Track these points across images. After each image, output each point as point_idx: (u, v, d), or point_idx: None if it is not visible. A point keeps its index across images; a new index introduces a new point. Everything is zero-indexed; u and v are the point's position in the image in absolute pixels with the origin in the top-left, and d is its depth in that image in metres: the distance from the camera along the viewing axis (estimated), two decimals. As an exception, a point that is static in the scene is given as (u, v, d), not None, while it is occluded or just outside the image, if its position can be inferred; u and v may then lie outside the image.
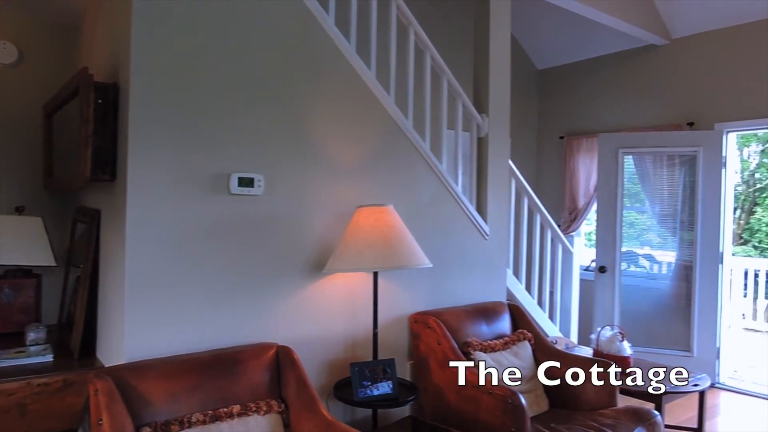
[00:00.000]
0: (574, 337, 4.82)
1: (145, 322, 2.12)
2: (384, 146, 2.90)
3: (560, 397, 2.99)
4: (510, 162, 3.97)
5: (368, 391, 2.47)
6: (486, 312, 3.21)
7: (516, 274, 4.35)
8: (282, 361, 2.30)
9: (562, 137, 5.72)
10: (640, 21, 4.56)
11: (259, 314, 2.43)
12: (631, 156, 4.85)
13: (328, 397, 2.65)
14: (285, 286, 2.51)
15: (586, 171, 5.45)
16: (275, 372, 2.28)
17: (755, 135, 12.55)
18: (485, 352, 2.89)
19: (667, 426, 3.41)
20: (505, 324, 3.23)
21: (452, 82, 3.28)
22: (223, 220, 2.32)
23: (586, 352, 3.65)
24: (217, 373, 2.12)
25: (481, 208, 3.49)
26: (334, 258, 2.51)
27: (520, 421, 2.39)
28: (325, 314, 2.67)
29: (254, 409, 2.10)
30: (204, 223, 2.26)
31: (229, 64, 2.32)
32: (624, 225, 4.90)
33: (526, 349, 3.07)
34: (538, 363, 3.09)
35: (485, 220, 3.45)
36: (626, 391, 3.15)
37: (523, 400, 2.42)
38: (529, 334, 3.13)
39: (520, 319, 3.30)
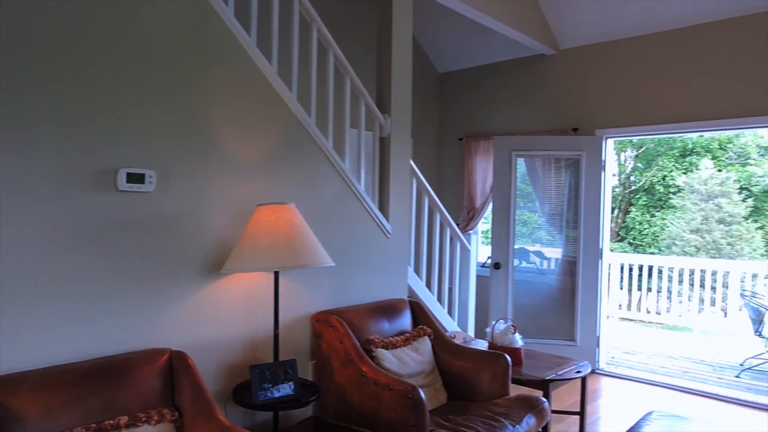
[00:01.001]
0: (471, 330, 5.04)
1: (20, 331, 1.92)
2: (286, 144, 2.85)
3: (458, 390, 3.10)
4: (411, 162, 4.06)
5: (269, 394, 2.42)
6: (388, 309, 3.26)
7: (417, 271, 4.46)
8: (176, 366, 2.19)
9: (461, 139, 5.95)
10: (532, 31, 4.85)
11: (151, 319, 2.29)
12: (523, 158, 5.14)
13: (226, 402, 2.56)
14: (180, 289, 2.39)
15: (483, 172, 5.70)
16: (168, 379, 2.16)
17: (630, 141, 13.80)
18: (387, 349, 2.93)
19: (553, 411, 3.65)
20: (406, 320, 3.30)
21: (355, 82, 3.29)
22: (110, 218, 2.16)
23: (482, 345, 3.82)
24: (102, 383, 1.98)
25: (383, 207, 3.53)
26: (233, 258, 2.42)
27: (420, 415, 2.46)
28: (224, 316, 2.57)
29: (144, 419, 1.98)
30: (89, 223, 2.10)
31: (117, 53, 2.17)
32: (517, 223, 5.18)
33: (426, 344, 3.16)
34: (437, 357, 3.19)
35: (387, 219, 3.50)
36: (517, 380, 3.34)
37: (422, 395, 2.48)
38: (429, 330, 3.21)
39: (420, 315, 3.38)
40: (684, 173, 13.26)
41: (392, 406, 2.53)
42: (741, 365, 5.27)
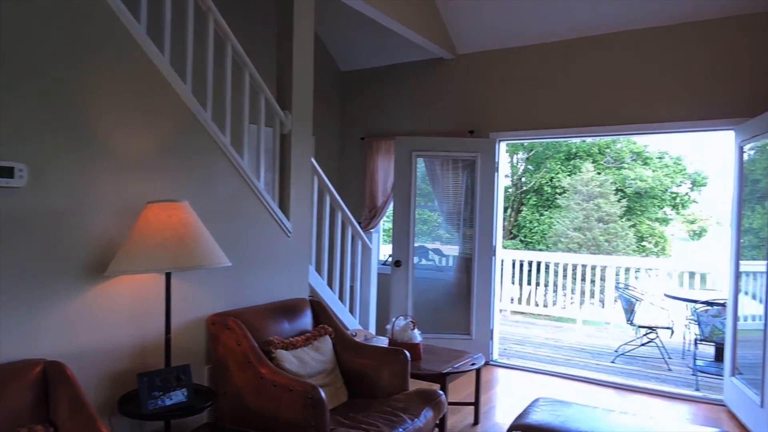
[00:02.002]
0: (372, 328, 5.09)
1: None
2: (179, 138, 2.71)
3: (359, 387, 3.12)
4: (313, 160, 4.02)
5: (159, 402, 2.29)
6: (288, 309, 3.21)
7: (318, 270, 4.43)
8: (51, 378, 2.00)
9: (363, 138, 5.99)
10: (431, 35, 4.99)
11: (21, 327, 2.08)
12: (423, 158, 5.27)
13: (111, 414, 2.39)
14: (57, 293, 2.19)
15: (385, 171, 5.78)
16: (42, 392, 1.98)
17: (522, 144, 14.64)
18: (287, 350, 2.88)
19: (450, 403, 3.79)
20: (307, 320, 3.26)
21: (255, 76, 3.20)
22: (-29, 216, 1.93)
23: (383, 342, 3.87)
24: (-39, 401, 1.76)
25: (284, 206, 3.47)
26: (119, 259, 2.26)
27: (320, 415, 2.44)
28: (109, 322, 2.40)
29: (13, 438, 1.80)
30: (-57, 221, 1.86)
31: (-20, 31, 1.94)
32: (417, 222, 5.30)
33: (327, 343, 3.14)
34: (338, 356, 3.19)
35: (288, 218, 3.44)
36: (416, 375, 3.42)
37: (322, 394, 2.47)
38: (330, 329, 3.20)
39: (321, 314, 3.36)
40: (569, 175, 14.30)
41: (292, 407, 2.49)
42: (616, 351, 5.77)
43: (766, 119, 3.62)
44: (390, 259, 5.29)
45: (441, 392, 3.06)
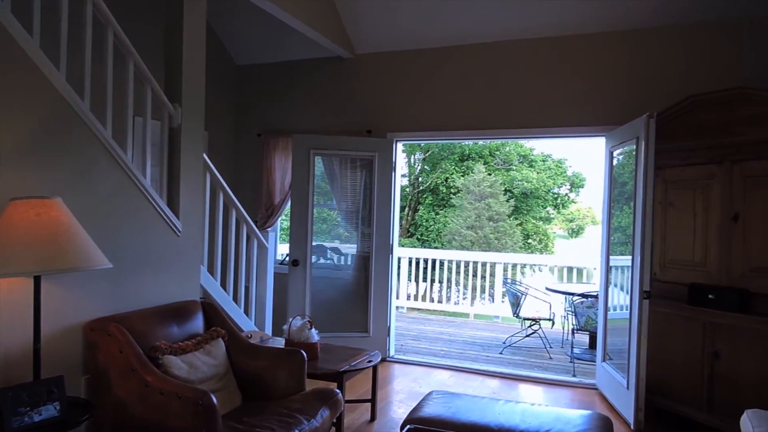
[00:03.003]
0: (268, 329, 4.98)
1: None
2: (51, 129, 2.47)
3: (255, 390, 3.03)
4: (205, 156, 3.86)
5: (26, 419, 2.08)
6: (178, 312, 3.05)
7: (211, 270, 4.26)
8: None
9: (260, 134, 5.84)
10: (329, 33, 4.97)
11: None
12: (321, 157, 5.24)
13: (-33, 436, 2.13)
14: None
15: (282, 169, 5.68)
16: None
17: (419, 145, 15.04)
18: (176, 355, 2.73)
19: (347, 401, 3.80)
20: (198, 323, 3.12)
21: (140, 66, 3.01)
22: None
23: (280, 342, 3.80)
24: None
25: (173, 203, 3.29)
26: (-23, 262, 2.02)
27: (211, 421, 2.34)
28: (-36, 332, 2.13)
29: None
30: None
31: None
32: (316, 221, 5.27)
33: (219, 346, 3.02)
34: (232, 359, 3.08)
35: (177, 216, 3.27)
36: (313, 374, 3.39)
37: (213, 399, 2.37)
38: (223, 331, 3.09)
39: (214, 316, 3.23)
40: (462, 176, 14.92)
41: (181, 415, 2.37)
42: (504, 343, 6.11)
43: (631, 127, 4.00)
44: (287, 259, 5.21)
45: (338, 391, 3.06)
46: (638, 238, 3.77)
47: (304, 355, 3.11)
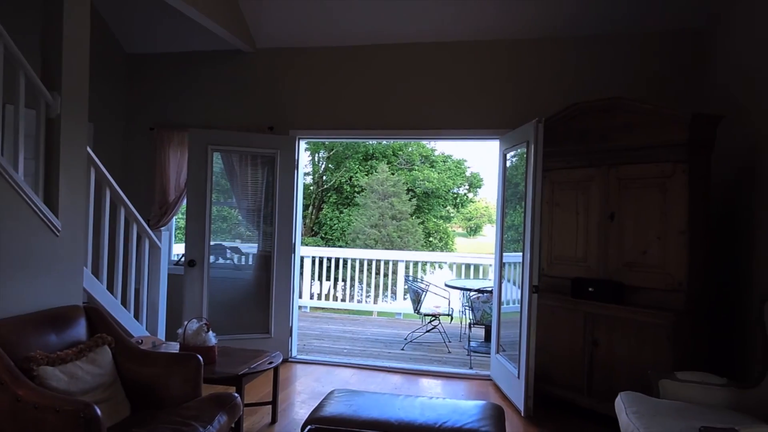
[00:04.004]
0: (162, 334, 4.73)
1: None
2: None
3: (146, 399, 2.86)
4: (89, 150, 3.58)
5: None
6: (56, 319, 2.80)
7: (96, 273, 3.96)
8: None
9: (152, 128, 5.51)
10: (228, 25, 4.79)
11: None
12: (220, 153, 5.06)
13: None
14: None
15: (178, 165, 5.40)
16: None
17: (323, 143, 14.98)
18: (53, 365, 2.51)
19: (247, 404, 3.70)
20: (80, 330, 2.89)
21: (11, 48, 2.73)
22: None
23: (174, 347, 3.62)
24: None
25: (51, 200, 3.01)
26: None
27: (94, 435, 2.17)
28: None
29: None
30: None
31: None
32: (216, 219, 5.07)
33: (105, 354, 2.82)
34: (119, 367, 2.88)
35: (57, 214, 3.00)
36: (211, 379, 3.26)
37: (97, 411, 2.20)
38: (109, 338, 2.88)
39: (99, 322, 3.00)
40: (366, 175, 15.06)
41: (60, 430, 2.18)
42: (405, 340, 6.24)
43: (522, 131, 4.24)
44: (183, 259, 4.97)
45: (236, 395, 2.97)
46: (528, 235, 4.00)
47: (200, 359, 2.98)
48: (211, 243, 4.97)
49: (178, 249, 5.98)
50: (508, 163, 4.78)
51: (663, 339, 3.43)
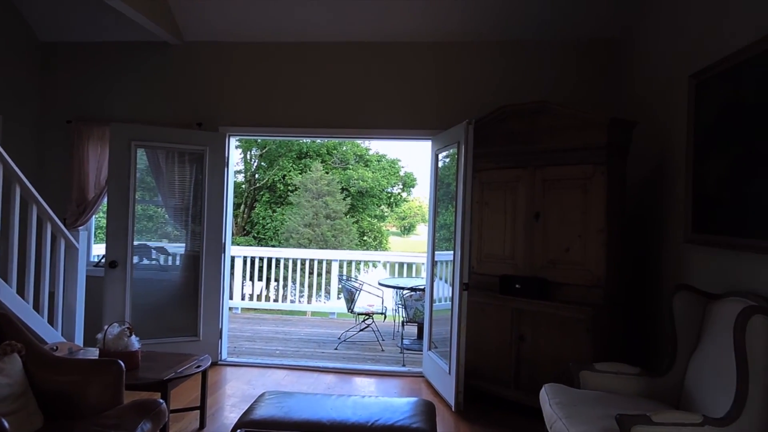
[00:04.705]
0: (79, 339, 4.46)
1: None
2: None
3: (61, 408, 2.69)
4: (-3, 143, 3.32)
5: None
6: (-43, 327, 2.58)
7: (5, 276, 3.68)
8: None
9: (69, 122, 5.19)
10: (152, 15, 4.58)
11: None
12: (144, 149, 4.84)
13: None
14: None
15: (98, 161, 5.12)
16: None
17: (256, 141, 14.69)
18: (-46, 377, 2.31)
19: (174, 410, 3.57)
20: (-15, 338, 2.68)
21: None
22: None
23: (94, 353, 3.43)
24: None
25: (-49, 198, 2.78)
26: None
27: (1, 450, 2.02)
28: None
29: None
30: None
31: None
32: (141, 219, 4.85)
33: (14, 363, 2.63)
34: (31, 376, 2.70)
35: (-42, 213, 2.77)
36: (134, 385, 3.12)
37: (5, 424, 2.05)
38: (19, 345, 2.68)
39: (7, 328, 2.79)
40: (300, 173, 14.90)
41: (-39, 447, 2.01)
42: (339, 339, 6.22)
43: (453, 132, 4.33)
44: (104, 260, 4.72)
45: (161, 401, 2.85)
46: (458, 234, 4.09)
47: (122, 365, 2.84)
48: (135, 243, 4.75)
49: (99, 249, 5.67)
50: (440, 164, 4.87)
51: (583, 332, 3.61)
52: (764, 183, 2.60)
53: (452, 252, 4.24)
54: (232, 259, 7.51)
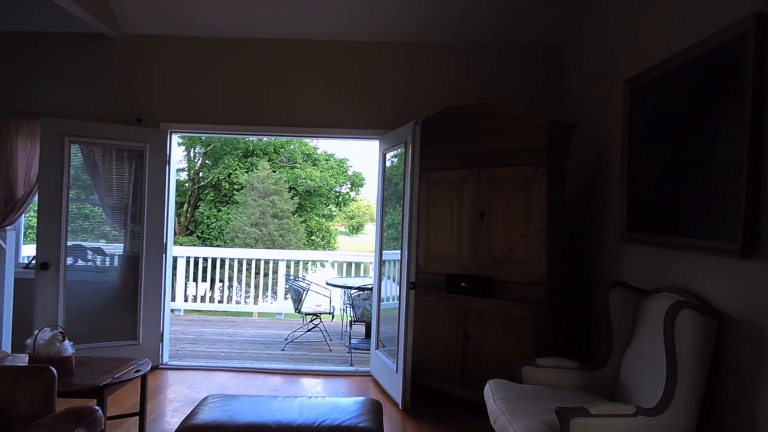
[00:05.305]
0: (6, 345, 4.21)
1: None
2: None
3: (-16, 420, 2.54)
4: None
5: None
6: None
7: (-77, 279, 3.43)
8: None
9: (-4, 115, 4.89)
10: (86, 4, 4.36)
11: None
12: (79, 145, 4.62)
13: None
14: None
15: (27, 157, 4.84)
16: None
17: (200, 138, 14.30)
18: None
19: (111, 417, 3.43)
20: None
21: None
22: None
23: (23, 360, 3.25)
24: None
25: None
26: None
27: None
28: None
29: None
30: None
31: None
32: (77, 218, 4.63)
33: (-68, 372, 2.45)
34: (-49, 386, 2.52)
35: None
36: (67, 392, 2.97)
37: None
38: (-62, 353, 2.51)
39: (-76, 336, 2.61)
40: (246, 172, 14.60)
41: None
42: (286, 340, 6.15)
43: (401, 132, 4.36)
44: (34, 262, 4.47)
45: (97, 408, 2.73)
46: (406, 234, 4.13)
47: (53, 371, 2.70)
48: (69, 243, 4.53)
49: (30, 250, 5.37)
50: (388, 163, 4.89)
51: (526, 329, 3.71)
52: (691, 184, 2.75)
53: (400, 251, 4.27)
54: (175, 259, 7.29)
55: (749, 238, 2.31)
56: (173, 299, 7.38)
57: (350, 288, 6.02)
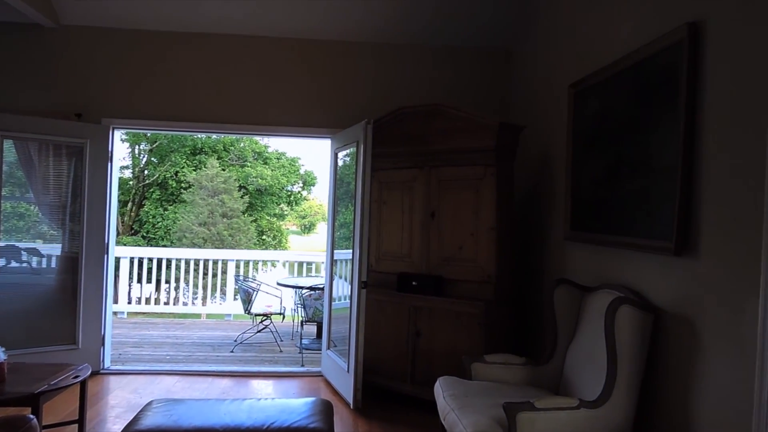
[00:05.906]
0: (-67, 353, 3.94)
1: None
2: None
3: None
4: None
5: None
6: None
7: None
8: None
9: None
10: (23, -7, 4.16)
11: None
12: (12, 141, 4.38)
13: None
14: None
15: (-44, 152, 4.56)
16: None
17: (145, 135, 13.83)
18: None
19: (47, 426, 3.27)
20: None
21: None
22: None
23: (-52, 368, 3.05)
24: None
25: None
26: None
27: None
28: None
29: None
30: None
31: None
32: (10, 217, 4.39)
33: None
34: None
35: None
36: (-2, 402, 2.82)
37: None
38: None
39: None
40: (194, 170, 14.23)
41: None
42: (235, 341, 6.03)
43: (352, 131, 4.35)
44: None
45: (32, 416, 2.61)
46: (357, 233, 4.12)
47: (-17, 380, 2.55)
48: (2, 244, 4.30)
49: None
50: (340, 163, 4.87)
51: (475, 326, 3.77)
52: (630, 185, 2.87)
53: (351, 250, 4.26)
54: (117, 260, 7.04)
55: (683, 236, 2.43)
56: (116, 301, 7.11)
57: (301, 288, 5.96)
